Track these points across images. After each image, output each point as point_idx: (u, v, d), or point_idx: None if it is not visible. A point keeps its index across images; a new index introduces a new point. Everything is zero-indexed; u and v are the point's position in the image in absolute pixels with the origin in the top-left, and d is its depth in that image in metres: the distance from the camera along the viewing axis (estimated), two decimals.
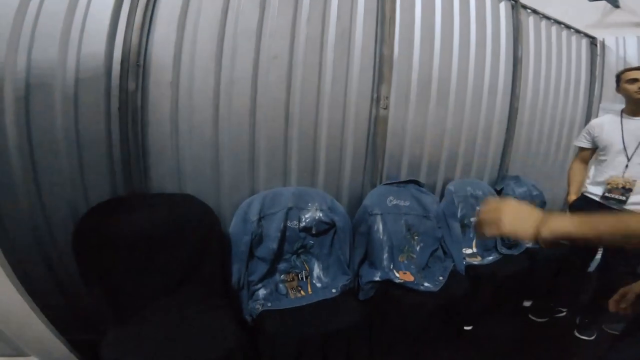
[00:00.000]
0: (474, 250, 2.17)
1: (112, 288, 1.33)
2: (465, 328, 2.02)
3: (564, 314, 2.21)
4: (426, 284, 1.75)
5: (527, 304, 2.31)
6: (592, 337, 1.96)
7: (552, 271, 2.19)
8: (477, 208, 2.17)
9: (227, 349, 1.19)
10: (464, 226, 2.16)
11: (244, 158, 1.64)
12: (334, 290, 1.67)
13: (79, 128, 1.38)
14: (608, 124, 1.71)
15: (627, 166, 1.60)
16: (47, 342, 1.21)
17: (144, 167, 1.47)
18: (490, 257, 2.14)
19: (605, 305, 0.99)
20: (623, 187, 1.60)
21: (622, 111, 1.70)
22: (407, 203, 1.89)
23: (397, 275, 1.78)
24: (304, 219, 1.70)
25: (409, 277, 1.78)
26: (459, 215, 2.10)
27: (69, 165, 1.38)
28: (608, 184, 1.65)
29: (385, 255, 1.82)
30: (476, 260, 2.09)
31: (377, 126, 1.88)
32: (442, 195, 2.19)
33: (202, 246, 1.49)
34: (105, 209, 1.37)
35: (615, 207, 1.64)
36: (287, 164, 1.76)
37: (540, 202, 2.50)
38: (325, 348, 1.42)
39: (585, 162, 1.88)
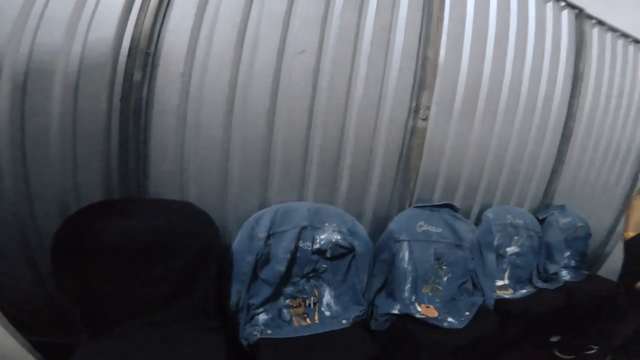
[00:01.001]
0: (506, 282, 1.92)
1: (89, 298, 1.17)
2: None
3: (594, 351, 2.00)
4: (450, 319, 1.53)
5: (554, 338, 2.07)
6: None
7: (590, 309, 1.93)
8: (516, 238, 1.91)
9: None
10: (498, 256, 1.90)
11: (257, 165, 1.44)
12: (344, 321, 1.47)
13: (76, 119, 1.21)
14: None
15: None
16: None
17: (143, 166, 1.29)
18: (524, 291, 1.89)
19: None
20: None
21: None
22: (439, 230, 1.65)
23: (419, 309, 1.56)
24: (318, 240, 1.50)
25: (432, 312, 1.55)
26: (495, 244, 1.85)
27: (60, 159, 1.22)
28: None
29: (408, 286, 1.60)
30: (508, 294, 1.85)
31: (412, 139, 1.64)
32: (476, 222, 1.94)
33: (198, 261, 1.30)
34: (94, 211, 1.19)
35: None
36: (306, 175, 1.54)
37: (586, 235, 2.22)
38: None
39: None
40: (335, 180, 1.60)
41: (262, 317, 1.44)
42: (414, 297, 1.62)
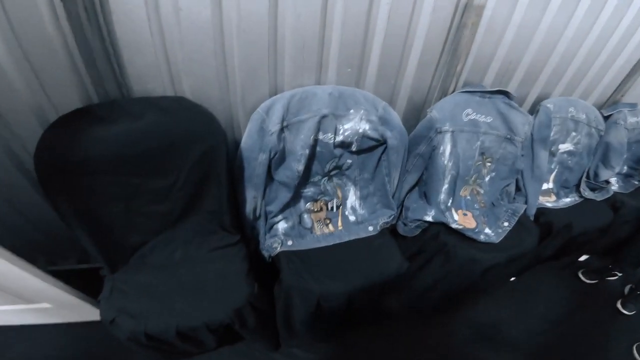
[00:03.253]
0: (550, 185, 1.71)
1: (96, 225, 1.02)
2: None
3: (617, 277, 1.93)
4: (487, 231, 1.36)
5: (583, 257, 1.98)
6: (632, 313, 1.75)
7: (633, 231, 1.76)
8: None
9: (238, 308, 1.00)
10: (549, 154, 1.64)
11: (262, 47, 1.09)
12: (370, 228, 1.32)
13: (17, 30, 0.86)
14: None
15: None
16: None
17: (118, 67, 0.97)
18: (568, 199, 1.69)
19: None
20: None
21: None
22: (489, 119, 1.36)
23: (455, 216, 1.39)
24: (342, 131, 1.23)
25: (469, 222, 1.38)
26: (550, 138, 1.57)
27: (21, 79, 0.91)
28: None
29: (445, 187, 1.40)
30: (550, 201, 1.65)
31: (465, 15, 1.23)
32: (530, 112, 1.64)
33: (205, 167, 1.08)
34: (72, 121, 0.92)
35: None
36: (324, 52, 1.20)
37: None
38: (353, 304, 1.14)
39: None
40: (362, 58, 1.27)
41: (282, 225, 1.31)
42: (450, 201, 1.43)
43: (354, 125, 1.25)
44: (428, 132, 1.31)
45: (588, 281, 1.91)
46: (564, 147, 1.64)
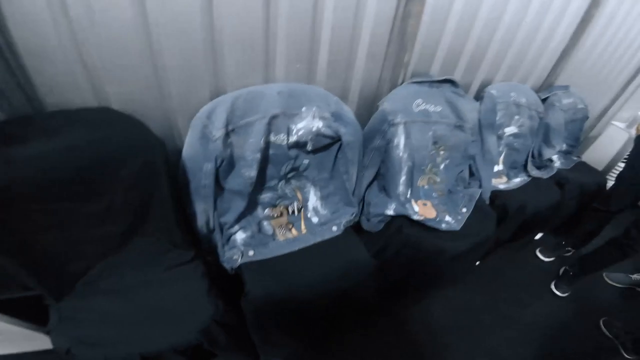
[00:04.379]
0: (500, 167, 1.78)
1: (28, 256, 0.88)
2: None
3: (570, 254, 2.03)
4: (447, 219, 1.38)
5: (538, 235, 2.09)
6: (565, 295, 1.77)
7: (578, 203, 1.89)
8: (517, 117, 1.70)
9: (203, 328, 0.91)
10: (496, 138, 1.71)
11: (197, 42, 0.99)
12: (334, 228, 1.28)
13: None
14: None
15: None
16: None
17: (23, 78, 0.83)
18: (518, 179, 1.77)
19: None
20: None
21: None
22: (439, 108, 1.38)
23: (416, 207, 1.39)
24: (295, 131, 1.17)
25: (429, 212, 1.39)
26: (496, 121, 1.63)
27: None
28: None
29: (403, 179, 1.39)
30: (502, 183, 1.72)
31: (410, 4, 1.23)
32: (475, 98, 1.69)
33: (144, 183, 0.97)
34: None
35: None
36: (271, 48, 1.14)
37: (583, 117, 2.06)
38: (326, 308, 1.10)
39: None
40: (311, 53, 1.22)
41: (240, 235, 1.22)
42: (409, 192, 1.43)
43: (307, 124, 1.19)
44: (381, 125, 1.29)
45: (546, 259, 1.99)
46: (510, 130, 1.71)
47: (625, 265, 1.73)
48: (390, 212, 1.36)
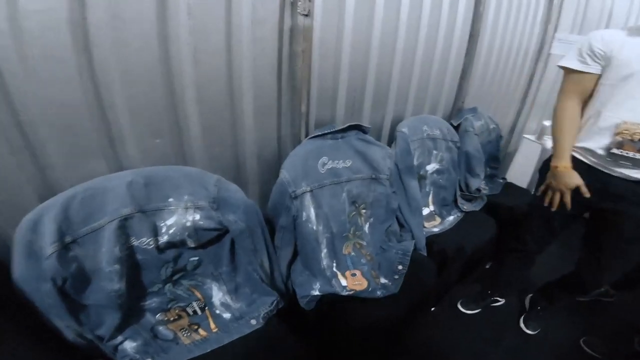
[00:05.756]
0: (431, 208, 1.64)
1: None
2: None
3: (501, 303, 1.67)
4: (383, 282, 1.16)
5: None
6: (536, 332, 1.52)
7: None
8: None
9: None
10: (420, 179, 1.57)
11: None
12: (253, 322, 1.00)
13: None
14: (631, 39, 0.96)
15: None
16: None
17: None
18: (451, 217, 1.63)
19: None
20: None
21: None
22: (349, 163, 1.18)
23: (344, 282, 1.14)
24: (164, 230, 0.89)
25: (360, 283, 1.15)
26: (415, 164, 1.49)
27: None
28: (618, 133, 0.97)
29: (324, 252, 1.14)
30: (436, 225, 1.56)
31: (294, 42, 1.05)
32: (390, 140, 1.55)
33: None
34: None
35: (625, 172, 1.00)
36: (112, 123, 0.86)
37: (497, 137, 2.06)
38: None
39: (582, 98, 1.07)
40: (175, 123, 0.95)
41: (129, 344, 0.91)
42: (334, 264, 1.18)
43: (179, 219, 0.90)
44: (283, 200, 1.04)
45: (469, 312, 1.61)
46: (431, 167, 1.59)
47: None
48: (315, 292, 1.11)
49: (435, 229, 1.52)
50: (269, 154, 1.19)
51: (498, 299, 1.63)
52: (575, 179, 1.05)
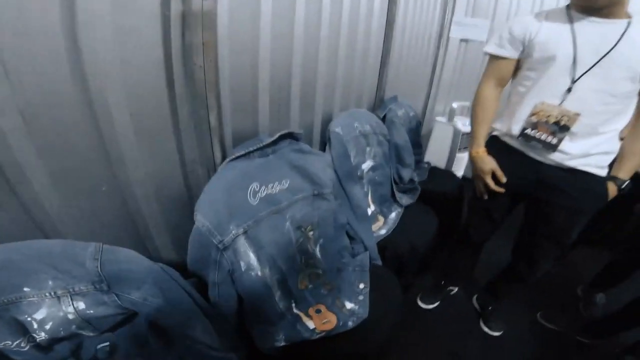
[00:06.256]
0: (372, 208, 1.52)
1: None
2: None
3: (455, 291, 1.65)
4: (350, 307, 1.00)
5: None
6: (501, 332, 1.46)
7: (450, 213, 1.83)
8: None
9: None
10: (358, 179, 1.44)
11: None
12: None
13: None
14: (548, 23, 0.93)
15: (569, 90, 0.90)
16: None
17: None
18: (393, 214, 1.54)
19: None
20: (556, 123, 0.93)
21: (569, 7, 0.92)
22: (286, 184, 0.95)
23: (310, 324, 0.93)
24: (36, 326, 0.59)
25: (328, 321, 0.95)
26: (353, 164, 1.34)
27: None
28: (533, 114, 0.96)
29: (278, 294, 0.91)
30: (381, 226, 1.45)
31: (189, 32, 0.76)
32: (322, 142, 1.37)
33: None
34: None
35: (535, 155, 1.01)
36: None
37: (417, 124, 2.06)
38: None
39: (501, 82, 1.07)
40: (3, 174, 0.59)
41: None
42: (293, 305, 0.96)
43: (53, 312, 0.59)
44: (208, 254, 0.76)
45: (429, 306, 1.56)
46: (366, 165, 1.47)
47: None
48: (280, 343, 0.89)
49: (382, 231, 1.41)
50: (173, 191, 0.88)
51: (452, 287, 1.62)
52: (489, 164, 1.07)
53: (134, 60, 0.69)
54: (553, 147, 0.95)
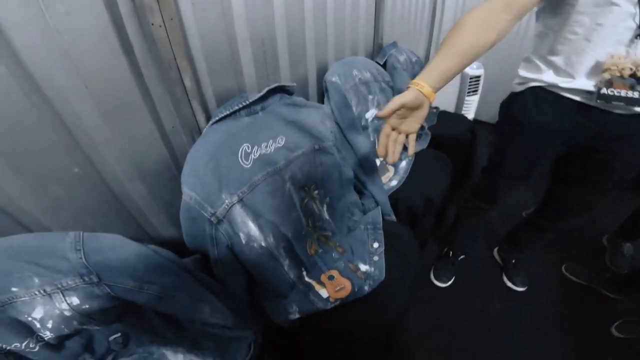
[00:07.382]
0: (381, 158, 1.43)
1: None
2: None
3: (463, 257, 1.54)
4: (365, 269, 0.95)
5: None
6: (447, 284, 1.44)
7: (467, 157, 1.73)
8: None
9: None
10: (362, 129, 1.34)
11: None
12: None
13: None
14: None
15: (638, 36, 0.72)
16: None
17: None
18: (403, 163, 1.45)
19: None
20: (632, 76, 0.74)
21: None
22: (282, 141, 0.85)
23: (324, 292, 0.88)
24: (39, 325, 0.55)
25: (342, 287, 0.90)
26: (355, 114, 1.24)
27: None
28: (606, 69, 0.76)
29: (287, 264, 0.86)
30: (392, 177, 1.37)
31: None
32: (320, 94, 1.25)
33: None
34: None
35: (618, 111, 0.81)
36: None
37: (420, 68, 1.89)
38: None
39: (519, 8, 0.69)
40: None
41: None
42: (304, 273, 0.91)
43: (49, 310, 0.55)
44: (201, 229, 0.70)
45: (443, 285, 1.46)
46: (370, 114, 1.36)
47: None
48: (294, 316, 0.85)
49: (393, 182, 1.33)
50: (159, 164, 0.80)
51: (460, 254, 1.49)
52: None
53: (74, 29, 0.58)
54: (637, 102, 0.76)
